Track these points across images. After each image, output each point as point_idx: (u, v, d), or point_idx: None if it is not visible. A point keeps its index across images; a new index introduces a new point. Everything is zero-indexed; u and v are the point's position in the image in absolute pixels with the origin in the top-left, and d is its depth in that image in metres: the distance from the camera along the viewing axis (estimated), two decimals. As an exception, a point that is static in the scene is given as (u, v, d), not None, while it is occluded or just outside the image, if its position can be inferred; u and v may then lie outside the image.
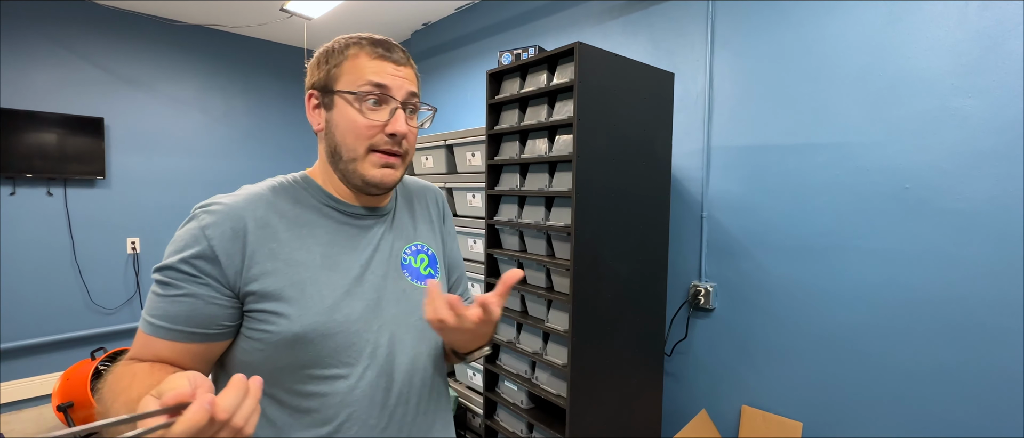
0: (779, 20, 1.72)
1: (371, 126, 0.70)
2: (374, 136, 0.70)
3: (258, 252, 0.66)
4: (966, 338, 1.37)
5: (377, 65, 0.70)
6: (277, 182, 0.74)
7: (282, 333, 0.65)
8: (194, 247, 0.63)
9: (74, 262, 3.09)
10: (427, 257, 0.83)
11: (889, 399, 1.50)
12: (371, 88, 0.69)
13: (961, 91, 1.36)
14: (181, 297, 0.63)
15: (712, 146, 1.91)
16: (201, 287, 0.63)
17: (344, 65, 0.70)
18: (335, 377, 0.68)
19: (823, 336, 1.63)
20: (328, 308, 0.68)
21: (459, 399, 2.11)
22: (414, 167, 2.38)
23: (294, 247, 0.69)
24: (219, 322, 0.65)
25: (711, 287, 1.90)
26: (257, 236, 0.66)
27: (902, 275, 1.47)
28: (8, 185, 2.88)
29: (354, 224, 0.75)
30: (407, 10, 3.16)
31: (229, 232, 0.65)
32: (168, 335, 0.63)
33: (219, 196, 0.69)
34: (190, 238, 0.64)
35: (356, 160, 0.70)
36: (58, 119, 2.96)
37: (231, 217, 0.66)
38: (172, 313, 0.63)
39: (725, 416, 1.89)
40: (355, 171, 0.71)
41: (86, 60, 3.11)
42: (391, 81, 0.70)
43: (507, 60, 1.75)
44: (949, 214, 1.39)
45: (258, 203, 0.69)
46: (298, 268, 0.68)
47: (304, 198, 0.73)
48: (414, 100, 0.73)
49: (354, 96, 0.69)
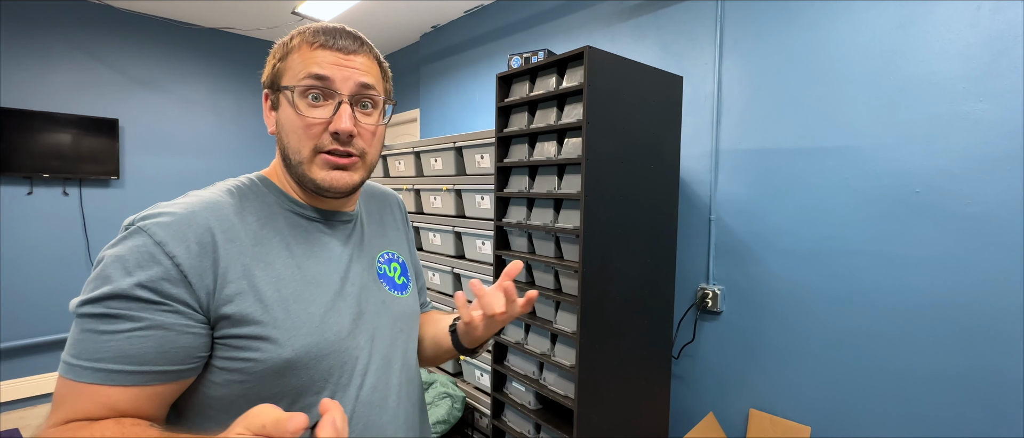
0: (788, 23, 1.72)
1: (311, 124, 0.61)
2: (318, 136, 0.62)
3: (231, 268, 0.56)
4: (976, 343, 1.36)
5: (318, 55, 0.61)
6: (233, 185, 0.65)
7: (270, 360, 0.57)
8: (151, 268, 0.52)
9: (88, 261, 3.15)
10: (399, 265, 0.79)
11: (898, 404, 1.49)
12: (310, 81, 0.61)
13: (972, 95, 1.36)
14: (142, 331, 0.51)
15: (720, 149, 1.91)
16: (169, 315, 0.52)
17: (288, 59, 0.63)
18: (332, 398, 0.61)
19: (832, 340, 1.63)
20: (317, 327, 0.61)
21: (466, 399, 2.13)
22: (423, 168, 2.40)
23: (269, 260, 0.60)
24: (195, 354, 0.55)
25: (719, 290, 1.90)
26: (228, 250, 0.57)
27: (912, 279, 1.47)
28: (26, 185, 2.94)
29: (323, 231, 0.68)
30: (416, 13, 3.19)
31: (195, 247, 0.54)
32: (131, 379, 0.51)
33: (162, 205, 0.58)
34: (142, 257, 0.52)
35: (303, 163, 0.62)
36: (74, 120, 3.02)
37: (194, 229, 0.55)
38: (132, 353, 0.51)
39: (732, 419, 1.89)
40: (304, 175, 0.63)
41: (102, 62, 3.17)
42: (333, 72, 0.61)
43: (517, 63, 1.76)
44: (959, 218, 1.38)
45: (220, 211, 0.59)
46: (278, 284, 0.59)
47: (267, 203, 0.65)
48: (367, 93, 0.64)
49: (292, 91, 0.61)
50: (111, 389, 0.51)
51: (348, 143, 0.63)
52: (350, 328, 0.65)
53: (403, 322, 0.75)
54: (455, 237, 2.19)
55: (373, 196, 0.83)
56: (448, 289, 2.25)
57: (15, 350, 2.93)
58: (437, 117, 3.51)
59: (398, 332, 0.73)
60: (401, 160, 2.54)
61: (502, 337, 1.82)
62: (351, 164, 0.64)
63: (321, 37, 0.62)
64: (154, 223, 0.54)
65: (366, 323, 0.68)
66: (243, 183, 0.66)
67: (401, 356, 0.73)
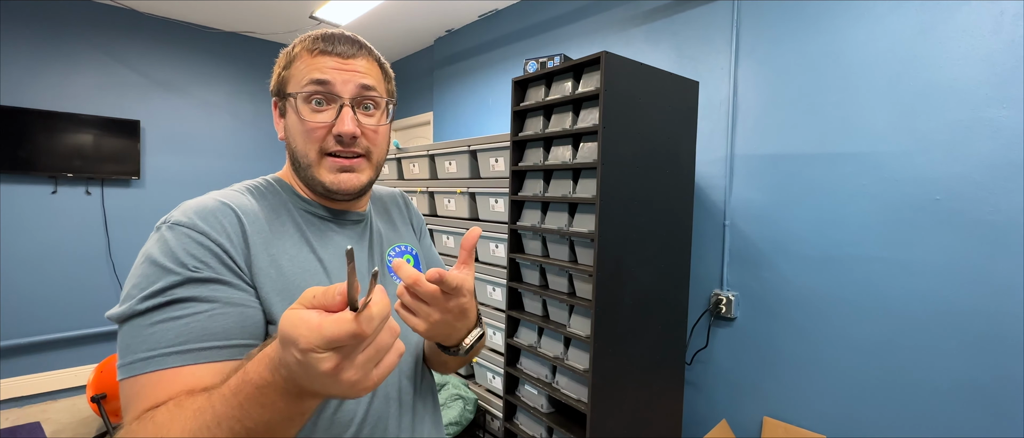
0: (806, 28, 1.71)
1: (316, 128, 0.63)
2: (323, 138, 0.64)
3: (259, 258, 0.59)
4: (997, 353, 1.34)
5: (319, 61, 0.64)
6: (251, 185, 0.68)
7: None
8: (204, 254, 0.54)
9: (109, 259, 3.21)
10: (412, 257, 0.80)
11: (915, 414, 1.47)
12: (312, 87, 0.63)
13: (995, 101, 1.34)
14: (222, 308, 0.53)
15: (735, 154, 1.90)
16: (238, 292, 0.55)
17: (293, 67, 0.65)
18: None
19: (848, 348, 1.61)
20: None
21: (478, 401, 2.14)
22: (437, 171, 2.41)
23: (292, 253, 0.62)
24: (264, 328, 0.57)
25: (733, 296, 1.89)
26: (255, 240, 0.59)
27: (931, 288, 1.45)
28: (50, 184, 3.02)
29: (336, 230, 0.70)
30: (431, 17, 3.22)
31: (233, 236, 0.57)
32: (222, 354, 0.51)
33: (189, 203, 0.59)
34: (191, 246, 0.54)
35: (311, 166, 0.65)
36: (97, 121, 3.09)
37: (227, 218, 0.58)
38: (217, 329, 0.52)
39: (746, 427, 1.87)
40: (313, 177, 0.65)
41: (125, 65, 3.25)
42: (333, 76, 0.63)
43: (533, 68, 1.77)
44: (981, 226, 1.36)
45: (242, 207, 0.61)
46: (304, 275, 0.61)
47: (283, 201, 0.67)
48: (368, 94, 0.65)
49: (296, 98, 0.64)
50: (198, 368, 0.50)
51: (352, 144, 0.65)
52: None
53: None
54: (468, 240, 2.20)
55: (379, 198, 0.85)
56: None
57: (38, 345, 3.00)
58: (450, 120, 3.54)
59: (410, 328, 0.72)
60: (415, 163, 2.57)
61: (515, 340, 1.82)
62: (357, 164, 0.66)
63: (320, 43, 0.64)
64: (189, 217, 0.56)
65: None
66: (260, 183, 0.68)
67: (414, 351, 0.74)
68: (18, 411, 2.89)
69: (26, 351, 2.97)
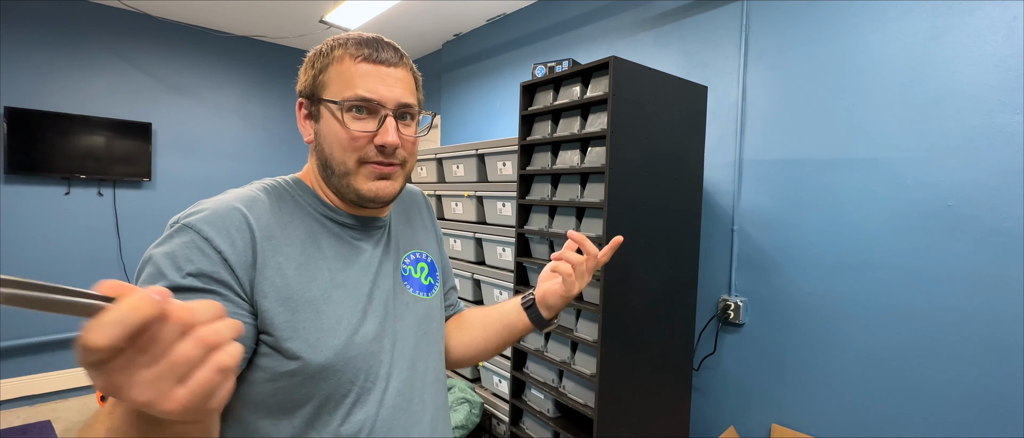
0: (816, 33, 1.70)
1: (358, 137, 0.63)
2: (363, 147, 0.63)
3: (267, 265, 0.58)
4: (1009, 361, 1.32)
5: (364, 69, 0.62)
6: (270, 185, 0.67)
7: (301, 366, 0.58)
8: (201, 260, 0.53)
9: (120, 260, 3.25)
10: (427, 266, 0.79)
11: (927, 422, 1.45)
12: (357, 99, 0.62)
13: (1008, 107, 1.33)
14: None
15: (744, 159, 1.90)
16: (227, 304, 0.54)
17: (330, 71, 0.63)
18: (355, 403, 0.63)
19: (858, 355, 1.60)
20: (346, 332, 0.62)
21: (485, 405, 2.13)
22: (445, 175, 2.42)
23: (301, 261, 0.61)
24: (249, 345, 0.56)
25: (741, 302, 1.88)
26: (265, 247, 0.58)
27: (943, 295, 1.43)
28: (63, 185, 3.06)
29: (354, 236, 0.69)
30: (439, 21, 3.24)
31: (239, 242, 0.56)
32: None
33: (204, 202, 0.60)
34: (191, 252, 0.54)
35: (349, 174, 0.64)
36: (110, 123, 3.14)
37: (235, 224, 0.57)
38: None
39: (754, 434, 1.86)
40: (349, 186, 0.64)
41: (138, 68, 3.29)
42: (379, 91, 0.62)
43: (541, 73, 1.78)
44: (994, 233, 1.35)
45: (257, 209, 0.61)
46: (310, 286, 0.61)
47: (301, 205, 0.66)
48: (407, 109, 0.66)
49: (338, 106, 0.62)
50: None
51: (392, 155, 0.65)
52: (376, 332, 0.65)
53: (427, 324, 0.75)
54: (476, 243, 2.21)
55: (402, 197, 0.83)
56: (467, 296, 2.27)
57: (48, 344, 3.04)
58: (457, 124, 3.55)
59: (422, 335, 0.73)
60: (423, 166, 2.58)
61: (521, 344, 1.82)
62: (393, 173, 0.66)
63: (364, 50, 0.63)
64: (199, 219, 0.56)
65: (390, 326, 0.68)
66: (279, 184, 0.67)
67: (425, 358, 0.73)
68: (29, 409, 2.92)
69: (37, 350, 3.01)
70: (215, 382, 0.33)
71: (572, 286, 0.76)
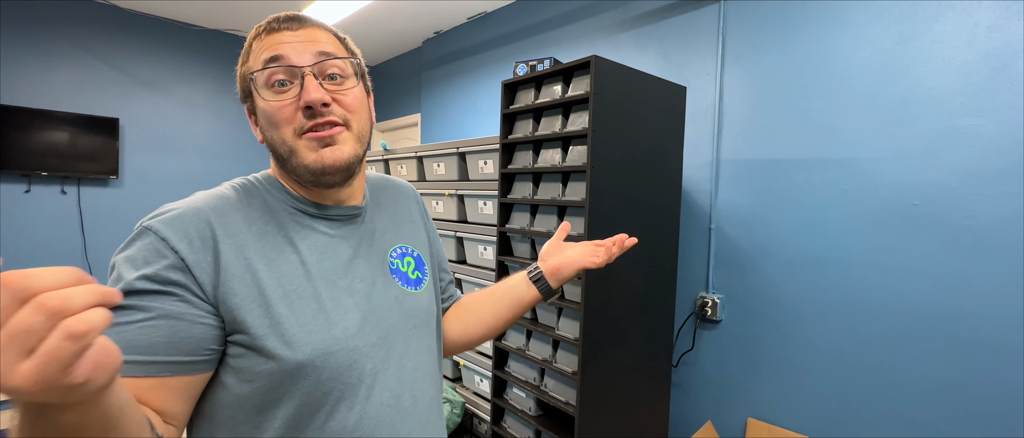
0: (790, 37, 1.75)
1: (283, 107, 0.59)
2: (293, 117, 0.60)
3: (232, 263, 0.56)
4: (973, 354, 1.38)
5: (268, 41, 0.61)
6: (239, 183, 0.66)
7: (277, 365, 0.56)
8: (157, 262, 0.53)
9: (85, 261, 3.13)
10: (413, 260, 0.77)
11: (896, 414, 1.51)
12: (269, 67, 0.60)
13: (970, 110, 1.39)
14: (152, 320, 0.51)
15: (721, 159, 1.93)
16: (177, 304, 0.53)
17: (249, 60, 0.63)
18: (339, 401, 0.60)
19: (831, 350, 1.65)
20: (324, 326, 0.60)
21: (466, 405, 2.13)
22: (425, 173, 2.40)
23: (271, 256, 0.60)
24: (206, 346, 0.55)
25: (718, 299, 1.92)
26: (228, 246, 0.57)
27: (910, 291, 1.49)
28: (23, 183, 2.93)
29: (327, 227, 0.67)
30: (419, 19, 3.22)
31: (197, 242, 0.55)
32: (139, 370, 0.51)
33: (168, 204, 0.59)
34: (149, 254, 0.53)
35: (294, 153, 0.61)
36: (74, 118, 3.01)
37: (194, 224, 0.56)
38: (142, 342, 0.51)
39: (731, 428, 1.90)
40: (297, 165, 0.61)
41: (104, 62, 3.17)
42: (286, 49, 0.60)
43: (523, 71, 1.78)
44: (957, 231, 1.41)
45: (222, 207, 0.60)
46: (281, 280, 0.59)
47: (271, 200, 0.64)
48: (330, 61, 0.62)
49: (255, 84, 0.61)
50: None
51: (326, 113, 0.60)
52: (358, 326, 0.63)
53: (417, 318, 0.72)
54: (457, 242, 2.20)
55: (385, 188, 0.81)
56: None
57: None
58: (438, 122, 3.53)
59: (412, 329, 0.71)
60: (404, 164, 2.55)
61: (502, 342, 1.82)
62: (337, 135, 0.61)
63: (266, 25, 0.62)
64: (158, 221, 0.56)
65: (376, 321, 0.65)
66: (249, 181, 0.66)
67: (415, 354, 0.71)
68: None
69: None
70: (67, 351, 0.30)
71: (597, 261, 0.86)
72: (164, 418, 0.53)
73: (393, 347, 0.67)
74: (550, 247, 0.90)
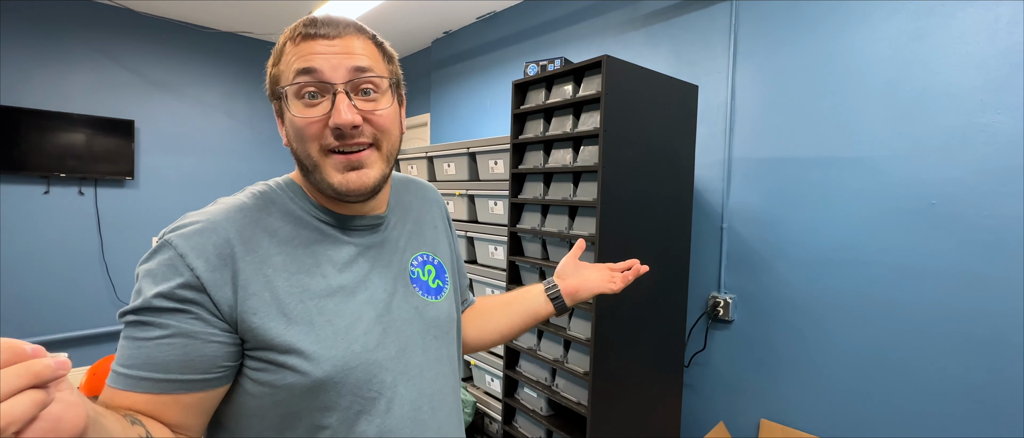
0: (803, 33, 1.73)
1: (311, 123, 0.57)
2: (320, 134, 0.58)
3: (252, 280, 0.56)
4: (993, 356, 1.35)
5: (303, 48, 0.57)
6: (260, 190, 0.63)
7: (300, 379, 0.56)
8: (173, 278, 0.52)
9: (102, 260, 3.18)
10: (434, 268, 0.75)
11: (912, 416, 1.49)
12: (300, 79, 0.57)
13: (990, 107, 1.36)
14: (169, 338, 0.52)
15: (733, 158, 1.92)
16: (193, 322, 0.53)
17: (281, 62, 0.59)
18: (359, 415, 0.60)
19: (845, 351, 1.63)
20: (344, 340, 0.59)
21: (477, 404, 2.13)
22: (436, 173, 2.41)
23: (292, 270, 0.58)
24: (220, 364, 0.55)
25: (730, 299, 1.90)
26: (248, 262, 0.56)
27: (927, 291, 1.46)
28: (42, 184, 2.98)
29: (349, 237, 0.65)
30: (429, 18, 3.22)
31: (215, 259, 0.54)
32: (154, 387, 0.52)
33: (190, 215, 0.57)
34: (167, 270, 0.53)
35: (318, 168, 0.59)
36: (91, 121, 3.06)
37: (213, 240, 0.55)
38: (158, 359, 0.51)
39: (743, 429, 1.88)
40: (322, 180, 0.59)
41: (120, 64, 3.22)
42: (319, 62, 0.56)
43: (533, 71, 1.77)
44: (977, 230, 1.38)
45: (242, 220, 0.58)
46: (301, 295, 0.58)
47: (291, 210, 0.62)
48: (365, 77, 0.59)
49: (286, 94, 0.58)
50: (132, 395, 0.52)
51: (355, 135, 0.58)
52: (378, 340, 0.62)
53: (437, 328, 0.71)
54: (467, 242, 2.21)
55: (409, 190, 0.79)
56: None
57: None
58: (448, 122, 3.54)
59: (431, 339, 0.69)
60: (413, 164, 2.56)
61: (514, 343, 1.82)
62: (366, 158, 0.60)
63: (302, 29, 0.58)
64: (178, 235, 0.55)
65: (396, 333, 0.64)
66: (269, 188, 0.64)
67: (435, 364, 0.69)
68: None
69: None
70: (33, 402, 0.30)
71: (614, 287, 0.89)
72: (178, 432, 0.55)
73: (412, 358, 0.66)
74: (567, 265, 0.91)
